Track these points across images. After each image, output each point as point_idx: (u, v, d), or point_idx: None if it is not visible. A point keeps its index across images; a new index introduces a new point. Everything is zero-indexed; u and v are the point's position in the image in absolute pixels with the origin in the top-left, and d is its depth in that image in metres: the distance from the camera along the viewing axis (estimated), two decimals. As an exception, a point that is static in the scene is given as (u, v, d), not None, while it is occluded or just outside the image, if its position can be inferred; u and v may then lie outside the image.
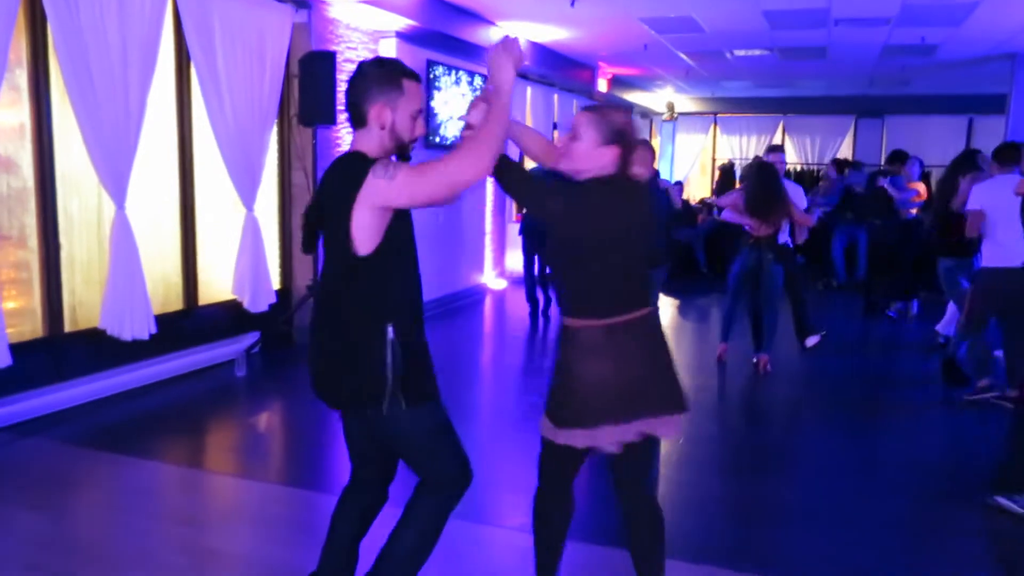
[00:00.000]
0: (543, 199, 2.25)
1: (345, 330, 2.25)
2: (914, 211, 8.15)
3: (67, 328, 4.76)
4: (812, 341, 6.15)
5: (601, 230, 2.22)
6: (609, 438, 2.27)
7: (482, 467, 2.75)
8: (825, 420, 5.11)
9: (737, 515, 3.63)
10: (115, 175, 4.64)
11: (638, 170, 2.33)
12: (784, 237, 6.13)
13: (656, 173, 5.71)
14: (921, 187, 8.35)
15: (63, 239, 4.69)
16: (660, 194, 5.85)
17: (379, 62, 2.27)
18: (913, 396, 5.49)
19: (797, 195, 6.18)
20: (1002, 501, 3.51)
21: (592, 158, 2.26)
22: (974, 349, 5.18)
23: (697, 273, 10.86)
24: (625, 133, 2.27)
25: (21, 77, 4.42)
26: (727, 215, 6.00)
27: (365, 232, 2.16)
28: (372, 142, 2.24)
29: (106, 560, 3.02)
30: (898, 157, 8.12)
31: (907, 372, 6.27)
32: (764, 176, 5.78)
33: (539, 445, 2.46)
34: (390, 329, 2.22)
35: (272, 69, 5.81)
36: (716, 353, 6.23)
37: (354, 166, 2.18)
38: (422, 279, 2.40)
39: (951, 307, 6.42)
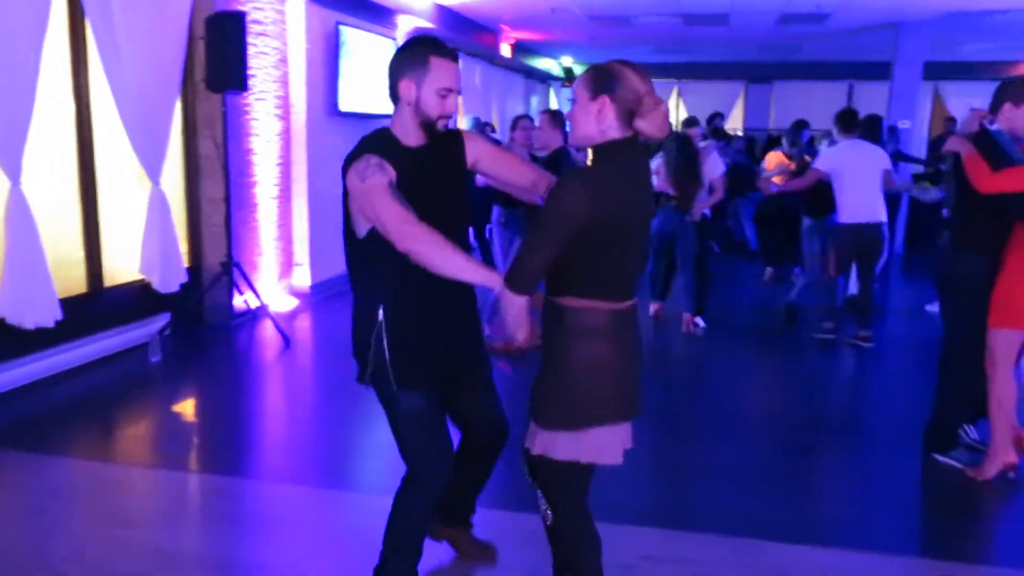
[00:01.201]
0: (570, 223, 1.93)
1: (354, 304, 2.32)
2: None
3: (-39, 317, 4.33)
4: (700, 323, 6.29)
5: (620, 208, 1.98)
6: (609, 443, 2.09)
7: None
8: (745, 377, 5.30)
9: (662, 476, 3.68)
10: (8, 147, 4.21)
11: (643, 126, 1.99)
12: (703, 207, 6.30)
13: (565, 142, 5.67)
14: (768, 157, 8.49)
15: (-49, 219, 4.23)
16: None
17: (414, 39, 2.26)
18: (831, 353, 5.76)
19: (717, 165, 6.35)
20: (941, 459, 3.73)
21: (588, 116, 2.01)
22: (831, 299, 5.88)
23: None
24: (613, 79, 1.99)
25: None
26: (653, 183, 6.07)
27: (358, 215, 2.15)
28: (402, 118, 2.24)
29: (48, 572, 2.77)
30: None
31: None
32: (684, 149, 5.92)
33: (526, 466, 2.19)
34: (380, 311, 2.21)
35: (175, 29, 5.40)
36: (650, 312, 6.39)
37: (357, 149, 2.19)
38: None
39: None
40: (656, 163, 6.12)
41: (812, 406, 4.72)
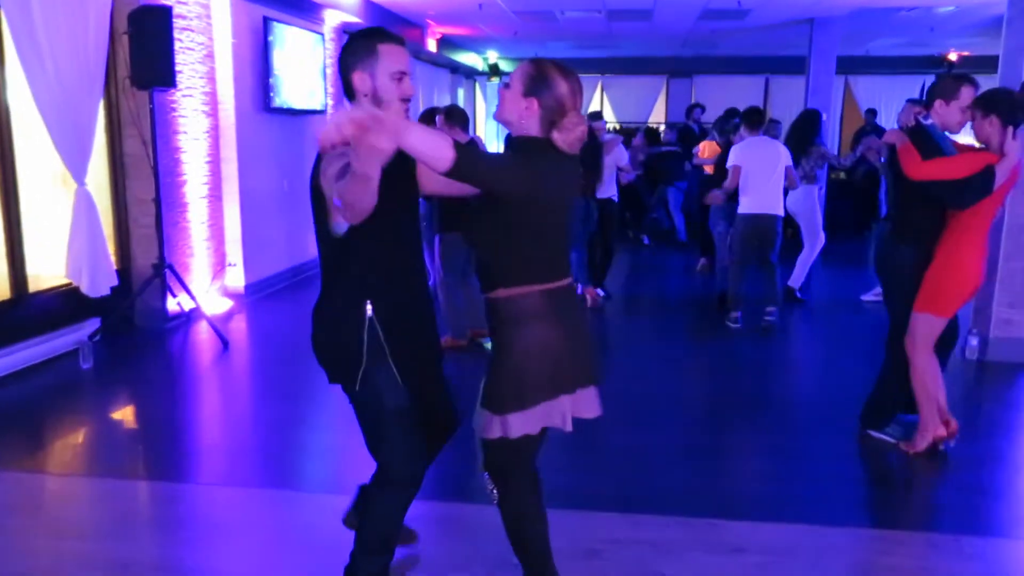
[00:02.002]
0: (510, 178, 2.06)
1: (329, 304, 2.29)
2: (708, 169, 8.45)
3: None
4: (599, 294, 6.86)
5: (544, 191, 2.12)
6: (554, 415, 2.20)
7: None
8: (682, 363, 5.45)
9: (615, 461, 3.75)
10: (-77, 148, 3.99)
11: (559, 139, 2.13)
12: (610, 192, 6.85)
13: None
14: (703, 146, 8.73)
15: None
16: None
17: (358, 32, 2.27)
18: (764, 339, 5.96)
19: (622, 154, 7.02)
20: (875, 434, 3.92)
21: (514, 109, 2.13)
22: (736, 286, 6.10)
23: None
24: (547, 88, 2.10)
25: None
26: None
27: (335, 213, 2.10)
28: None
29: (-6, 589, 2.66)
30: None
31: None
32: (588, 140, 6.14)
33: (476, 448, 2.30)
34: (368, 307, 2.20)
35: (96, 23, 5.18)
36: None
37: None
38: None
39: (800, 261, 7.05)
40: None
41: (748, 389, 4.88)
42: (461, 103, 15.41)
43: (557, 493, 3.28)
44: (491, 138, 14.04)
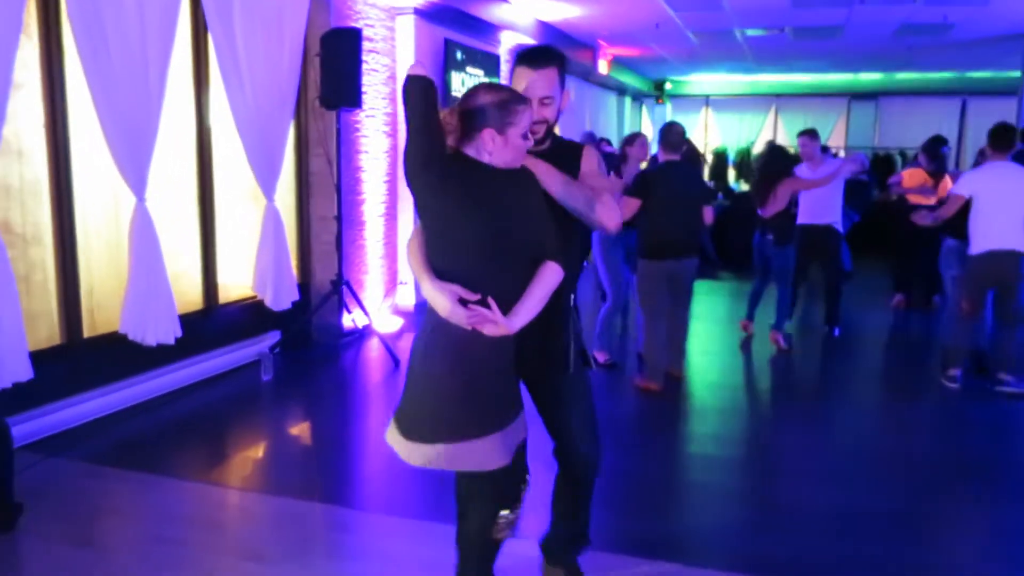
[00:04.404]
0: None
1: None
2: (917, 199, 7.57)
3: (86, 334, 4.32)
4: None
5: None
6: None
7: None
8: (835, 413, 4.89)
9: (812, 525, 3.31)
10: (135, 163, 4.20)
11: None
12: (829, 218, 6.27)
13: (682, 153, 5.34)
14: (908, 174, 7.82)
15: (79, 235, 4.23)
16: (691, 172, 5.34)
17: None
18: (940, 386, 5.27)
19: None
20: None
21: None
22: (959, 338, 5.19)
23: (706, 260, 10.58)
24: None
25: (31, 54, 3.94)
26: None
27: None
28: None
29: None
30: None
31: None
32: (761, 159, 5.75)
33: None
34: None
35: (291, 47, 5.36)
36: (739, 338, 6.54)
37: None
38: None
39: None
40: None
41: (972, 452, 4.26)
42: (627, 125, 15.17)
43: (739, 556, 2.98)
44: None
